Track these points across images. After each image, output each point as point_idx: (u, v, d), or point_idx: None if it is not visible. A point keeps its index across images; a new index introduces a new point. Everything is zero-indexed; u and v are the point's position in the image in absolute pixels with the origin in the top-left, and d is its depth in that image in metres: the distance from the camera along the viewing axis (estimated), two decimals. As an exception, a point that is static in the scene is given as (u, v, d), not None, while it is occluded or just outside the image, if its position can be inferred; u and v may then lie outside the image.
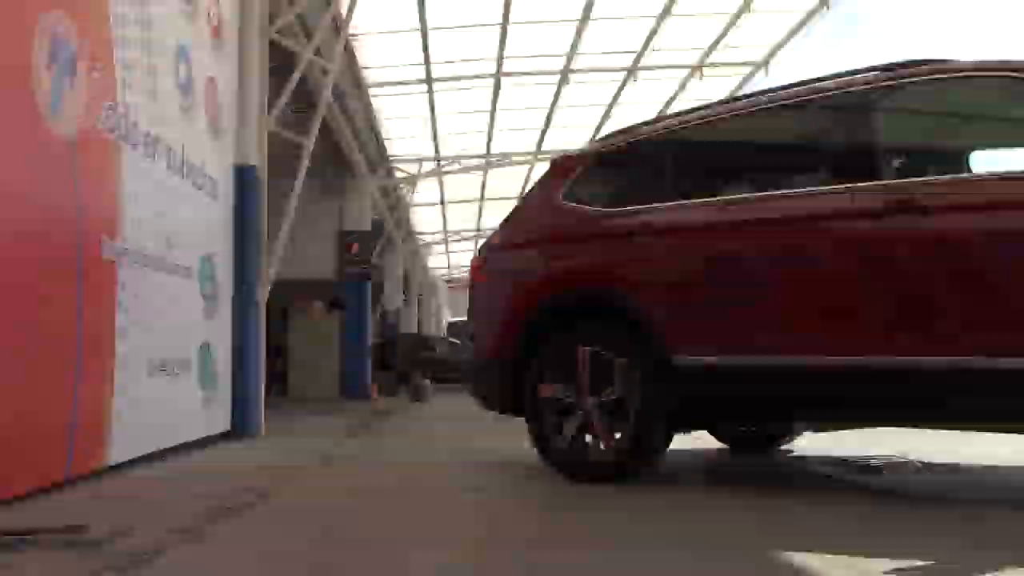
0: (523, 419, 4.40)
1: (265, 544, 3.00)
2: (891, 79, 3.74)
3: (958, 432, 5.31)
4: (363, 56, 12.69)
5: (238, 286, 7.41)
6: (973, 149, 4.09)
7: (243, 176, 7.58)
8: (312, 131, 8.74)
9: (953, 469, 4.28)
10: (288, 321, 16.71)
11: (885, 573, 2.35)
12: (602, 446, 4.08)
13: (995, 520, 2.97)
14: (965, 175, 3.82)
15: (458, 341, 22.47)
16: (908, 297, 3.35)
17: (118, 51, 4.87)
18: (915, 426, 4.57)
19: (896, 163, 3.91)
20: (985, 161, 4.07)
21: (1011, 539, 2.71)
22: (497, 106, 14.84)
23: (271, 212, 8.08)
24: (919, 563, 2.45)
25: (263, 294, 7.81)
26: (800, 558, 2.54)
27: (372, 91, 13.92)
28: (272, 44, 8.39)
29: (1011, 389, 3.12)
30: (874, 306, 3.41)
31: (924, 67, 3.70)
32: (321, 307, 16.76)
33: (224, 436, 6.98)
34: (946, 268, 3.29)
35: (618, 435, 4.03)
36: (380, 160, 17.36)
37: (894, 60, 3.85)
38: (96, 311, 4.53)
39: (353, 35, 11.71)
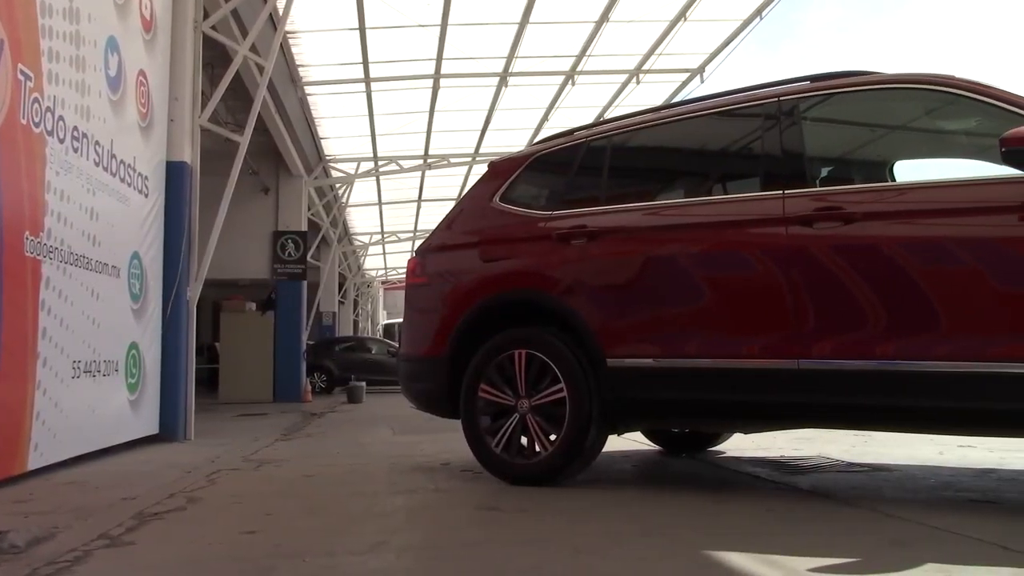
0: (458, 421, 4.40)
1: (191, 549, 2.94)
2: (818, 89, 3.86)
3: (882, 433, 5.48)
4: (300, 54, 12.54)
5: (168, 285, 7.25)
6: (895, 158, 4.22)
7: (174, 173, 7.43)
8: (247, 128, 8.59)
9: (876, 469, 4.41)
10: (220, 322, 16.39)
11: (809, 571, 2.42)
12: (538, 448, 4.10)
13: (913, 518, 3.08)
14: (888, 184, 3.94)
15: (395, 343, 22.30)
16: (835, 302, 3.44)
17: (44, 42, 4.73)
18: (843, 428, 4.70)
19: (824, 171, 4.03)
20: (907, 170, 4.21)
21: (927, 536, 2.81)
22: (436, 107, 14.80)
23: (204, 210, 7.92)
24: (841, 560, 2.52)
25: (194, 294, 7.66)
26: (730, 557, 2.60)
27: (309, 89, 13.76)
28: (206, 39, 8.23)
29: (932, 392, 3.23)
30: (803, 311, 3.49)
31: (848, 79, 3.81)
32: (254, 308, 16.47)
33: (152, 439, 6.83)
34: (870, 274, 3.39)
35: (553, 437, 4.05)
36: (316, 159, 17.15)
37: (821, 71, 3.96)
38: (17, 309, 4.38)
39: (291, 32, 11.56)
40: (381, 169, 18.10)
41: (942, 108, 3.66)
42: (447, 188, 20.21)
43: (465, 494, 4.03)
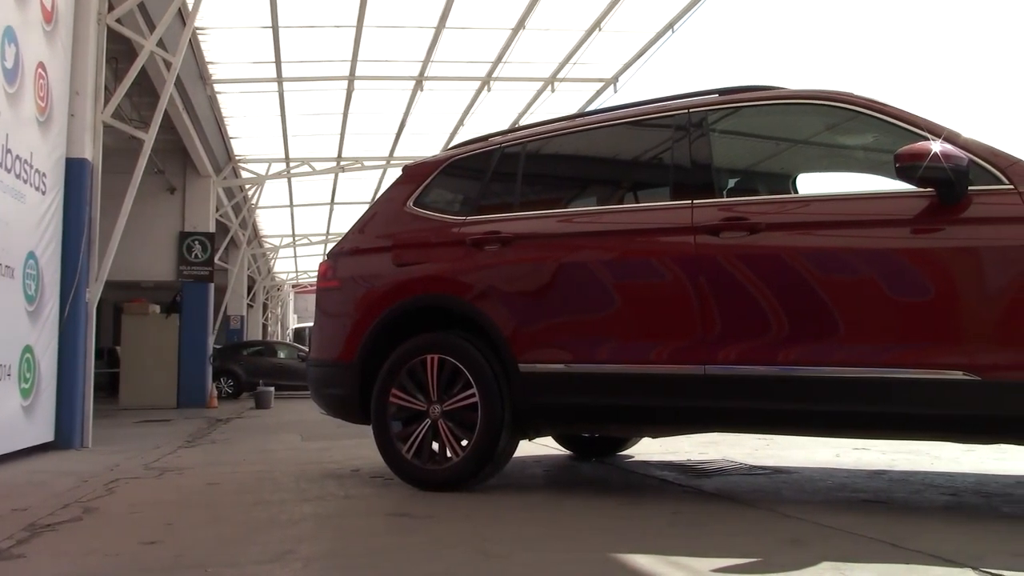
0: (369, 427, 4.36)
1: (87, 561, 2.83)
2: (726, 102, 3.97)
3: (783, 436, 5.66)
4: (210, 50, 12.24)
5: (66, 287, 6.97)
6: (799, 171, 4.38)
7: (74, 170, 7.15)
8: (152, 126, 8.34)
9: (776, 471, 4.55)
10: (122, 325, 15.82)
11: (712, 571, 2.48)
12: (449, 453, 4.10)
13: (810, 518, 3.19)
14: (791, 195, 4.08)
15: (305, 347, 21.92)
16: (740, 310, 3.54)
17: (-68, 29, 4.49)
18: (747, 432, 4.84)
19: (731, 182, 4.15)
20: (809, 183, 4.37)
21: (823, 535, 2.92)
22: (350, 109, 14.64)
23: (105, 209, 7.65)
24: (742, 560, 2.59)
25: (93, 296, 7.38)
26: (636, 559, 2.64)
27: (219, 87, 13.44)
28: (111, 32, 7.96)
29: (830, 396, 3.35)
30: (710, 318, 3.58)
31: (755, 93, 3.94)
32: (158, 310, 15.96)
33: (47, 447, 6.54)
34: (774, 283, 3.50)
35: (465, 442, 4.05)
36: (226, 159, 16.75)
37: (730, 85, 4.08)
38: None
39: (200, 28, 11.27)
40: (293, 170, 17.81)
41: (842, 124, 3.81)
42: (361, 191, 20.00)
43: (375, 501, 3.99)
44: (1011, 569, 2.35)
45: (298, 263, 33.20)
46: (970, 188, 3.17)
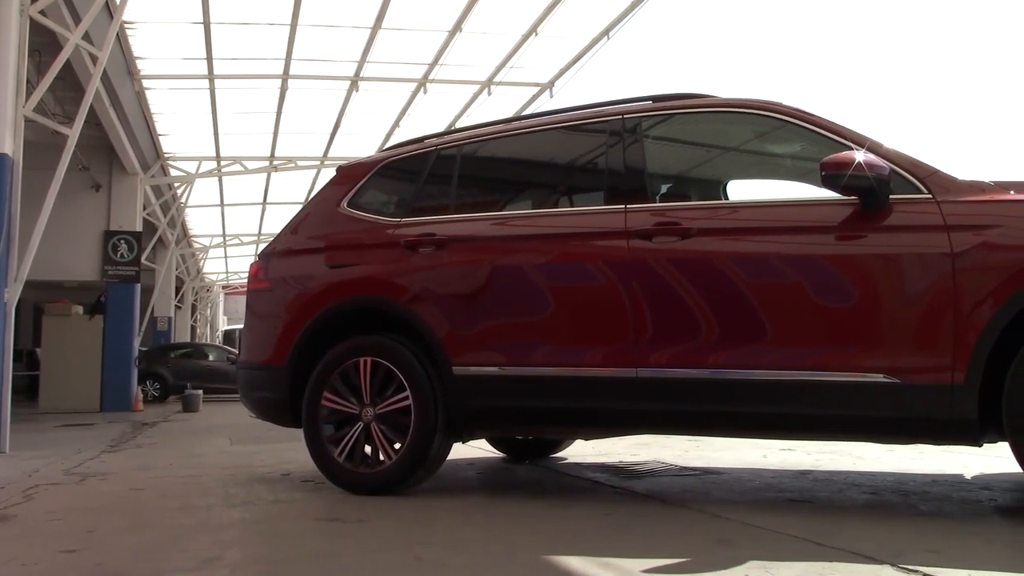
0: (300, 430, 4.29)
1: (3, 571, 2.72)
2: (659, 109, 4.02)
3: (713, 438, 5.76)
4: (139, 45, 11.95)
5: (-18, 286, 6.71)
6: (729, 178, 4.47)
7: (-8, 165, 6.88)
8: (77, 121, 8.09)
9: (706, 472, 4.63)
10: (42, 326, 15.29)
11: (643, 572, 2.51)
12: (382, 456, 4.06)
13: (738, 518, 3.25)
14: (722, 202, 4.16)
15: (235, 349, 21.50)
16: (672, 314, 3.59)
17: None
18: (678, 433, 4.90)
19: (664, 188, 4.20)
20: (739, 189, 4.46)
21: (750, 535, 2.98)
22: (283, 108, 14.43)
23: (26, 207, 7.39)
24: (671, 560, 2.63)
25: (12, 296, 7.11)
26: (568, 561, 2.66)
27: (147, 83, 13.13)
28: (34, 24, 7.70)
29: (759, 399, 3.42)
30: (642, 322, 3.62)
31: (687, 100, 4.00)
32: (81, 311, 15.47)
33: (-40, 452, 6.29)
34: (704, 287, 3.56)
35: (398, 445, 4.02)
36: (154, 156, 16.34)
37: (664, 92, 4.14)
38: None
39: (128, 22, 10.99)
40: (224, 169, 17.48)
41: (771, 132, 3.90)
42: (294, 191, 19.75)
43: (306, 505, 3.94)
44: (927, 565, 2.43)
45: (229, 264, 32.57)
46: (891, 197, 3.27)
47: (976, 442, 3.19)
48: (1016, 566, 2.44)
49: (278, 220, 20.30)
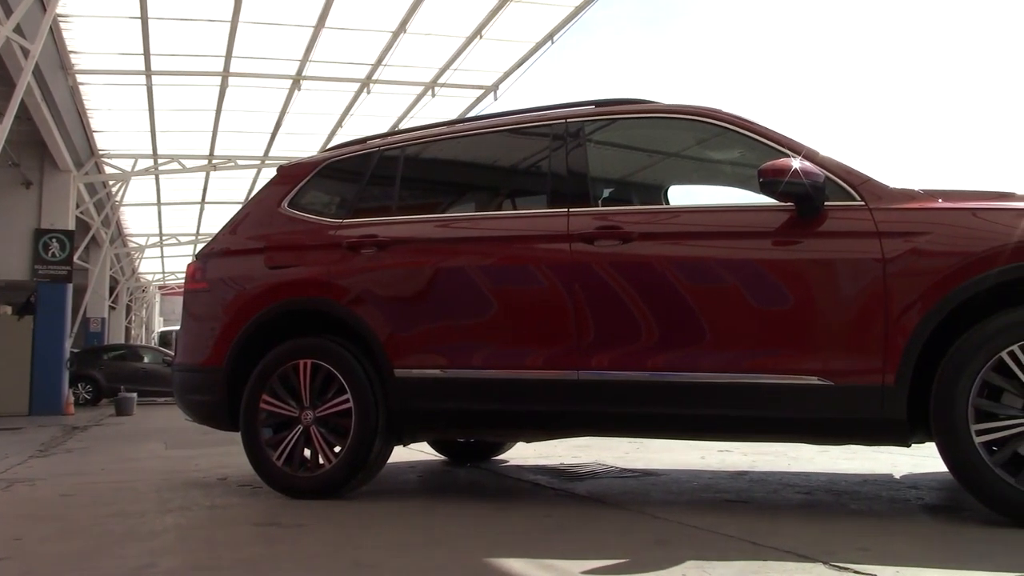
0: (238, 434, 4.22)
1: (-76, 580, 2.63)
2: (602, 114, 4.06)
3: (653, 440, 5.83)
4: (73, 39, 11.64)
5: (-97, 285, 6.46)
6: (670, 183, 4.52)
7: (-85, 159, 6.63)
8: (7, 116, 7.85)
9: (646, 473, 4.68)
10: (-33, 327, 14.78)
11: (583, 573, 2.52)
12: (321, 460, 4.02)
13: (676, 519, 3.29)
14: (663, 206, 4.21)
15: (171, 351, 21.05)
16: (613, 317, 3.62)
17: None
18: (619, 435, 4.95)
19: (606, 192, 4.24)
20: (680, 194, 4.52)
21: (688, 535, 3.02)
22: (223, 106, 14.19)
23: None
24: (611, 561, 2.65)
25: (-64, 295, 6.86)
26: (509, 563, 2.66)
27: (81, 78, 12.79)
28: (-41, 14, 7.44)
29: (698, 401, 3.47)
30: (584, 325, 3.65)
31: (630, 106, 4.04)
32: (9, 311, 14.98)
33: None
34: (645, 291, 3.59)
35: (338, 448, 3.99)
36: (88, 153, 15.93)
37: (606, 97, 4.17)
38: None
39: (62, 16, 10.69)
40: (161, 167, 17.12)
41: (711, 139, 3.96)
42: (233, 191, 19.44)
43: (243, 510, 3.87)
44: (857, 563, 2.49)
45: (165, 264, 31.92)
46: (826, 203, 3.35)
47: (905, 442, 3.29)
48: (941, 562, 2.52)
49: (217, 220, 19.93)
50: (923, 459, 4.48)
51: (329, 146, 7.97)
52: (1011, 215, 3.13)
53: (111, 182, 17.92)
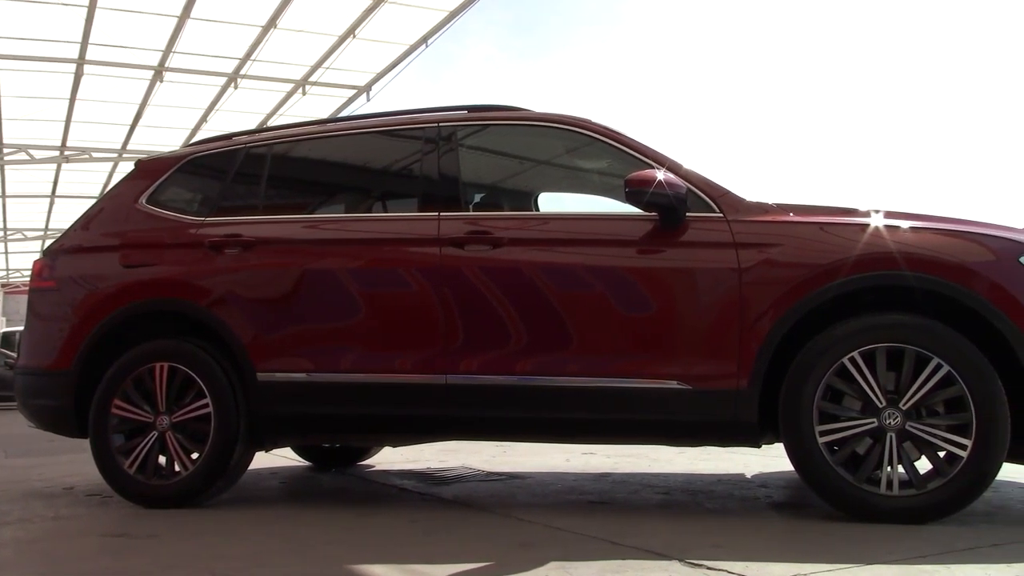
0: (87, 441, 4.00)
1: None
2: (475, 119, 4.08)
3: (520, 443, 5.90)
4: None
5: None
6: (541, 190, 4.59)
7: None
8: None
9: (512, 476, 4.73)
10: None
11: (446, 576, 2.53)
12: (178, 467, 3.86)
13: (541, 521, 3.34)
14: (533, 213, 4.28)
15: (13, 353, 19.73)
16: (482, 321, 3.65)
17: None
18: (486, 439, 4.98)
19: (477, 197, 4.26)
20: (550, 202, 4.60)
21: (552, 537, 3.07)
22: (78, 95, 13.44)
23: None
24: (476, 565, 2.67)
25: None
26: (373, 569, 2.64)
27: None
28: None
29: (564, 405, 3.54)
30: (453, 329, 3.65)
31: (502, 112, 4.09)
32: None
33: None
34: (514, 296, 3.64)
35: (196, 455, 3.84)
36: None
37: (479, 103, 4.20)
38: None
39: None
40: (7, 157, 16.04)
41: (581, 148, 4.05)
42: (87, 185, 18.45)
43: (90, 521, 3.67)
44: (711, 559, 2.61)
45: (10, 260, 29.95)
46: (688, 214, 3.48)
47: (756, 444, 3.46)
48: (786, 556, 2.66)
49: (68, 215, 18.85)
50: (772, 459, 4.71)
51: (192, 141, 7.68)
52: (853, 230, 3.34)
53: (-52, 171, 16.68)
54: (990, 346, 3.11)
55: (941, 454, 3.13)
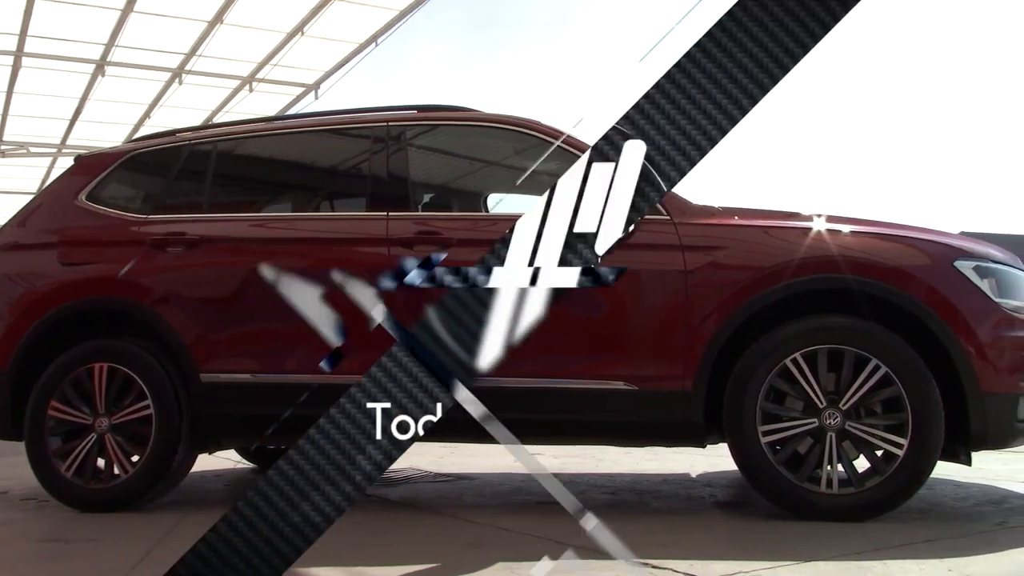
0: (21, 443, 3.90)
1: None
2: (424, 119, 4.07)
3: (470, 444, 5.89)
4: None
5: None
6: (490, 191, 4.60)
7: None
8: None
9: (459, 477, 4.72)
10: None
11: (393, 578, 2.52)
12: (117, 470, 3.78)
13: (488, 521, 3.35)
14: (482, 214, 4.28)
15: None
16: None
17: None
18: (435, 440, 4.95)
19: (426, 197, 4.26)
20: (499, 203, 4.60)
21: (499, 537, 3.08)
22: (15, 88, 13.08)
23: None
24: (423, 566, 2.67)
25: None
26: (316, 572, 2.62)
27: None
28: None
29: (514, 405, 3.53)
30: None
31: (452, 112, 4.08)
32: None
33: None
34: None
35: (136, 458, 3.76)
36: None
37: (428, 103, 4.18)
38: None
39: None
40: (-62, 151, 15.53)
41: (530, 149, 4.06)
42: (24, 180, 17.94)
43: (25, 526, 3.58)
44: (657, 558, 2.64)
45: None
46: (635, 216, 3.51)
47: (702, 444, 3.51)
48: (729, 554, 2.71)
49: (4, 211, 18.35)
50: (717, 459, 4.77)
51: (135, 137, 7.52)
52: (796, 233, 3.41)
53: None
54: (932, 348, 3.19)
55: (879, 453, 3.21)
